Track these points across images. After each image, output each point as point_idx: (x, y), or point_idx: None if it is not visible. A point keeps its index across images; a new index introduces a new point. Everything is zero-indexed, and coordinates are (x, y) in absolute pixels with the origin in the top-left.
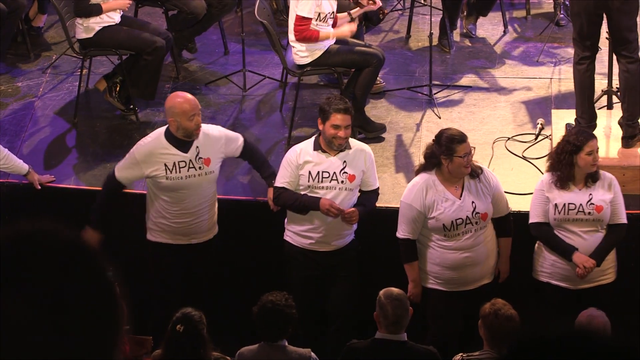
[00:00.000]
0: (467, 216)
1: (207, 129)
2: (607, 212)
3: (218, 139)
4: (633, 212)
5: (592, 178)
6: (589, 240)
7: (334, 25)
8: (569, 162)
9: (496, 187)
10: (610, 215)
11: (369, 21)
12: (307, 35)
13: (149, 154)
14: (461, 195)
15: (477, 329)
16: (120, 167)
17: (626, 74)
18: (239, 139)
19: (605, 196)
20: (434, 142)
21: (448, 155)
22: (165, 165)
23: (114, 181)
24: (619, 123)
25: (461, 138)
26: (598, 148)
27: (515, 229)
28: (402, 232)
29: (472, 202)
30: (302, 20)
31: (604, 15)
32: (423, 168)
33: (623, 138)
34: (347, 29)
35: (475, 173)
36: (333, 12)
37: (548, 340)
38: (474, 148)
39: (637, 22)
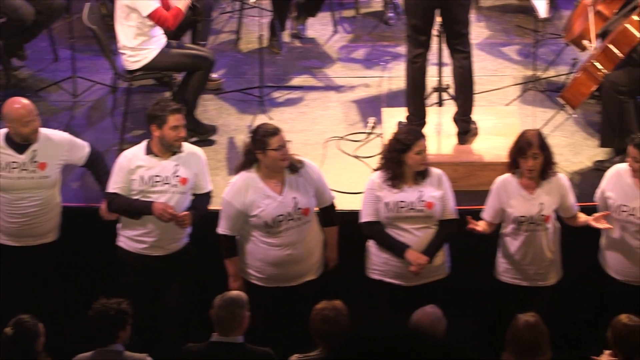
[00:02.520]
0: (288, 212)
1: (52, 134)
2: (438, 208)
3: (60, 145)
4: (466, 207)
5: (421, 175)
6: (421, 237)
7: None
8: (398, 161)
9: (318, 179)
10: (441, 211)
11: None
12: (172, 17)
13: None
14: (282, 191)
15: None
16: None
17: (460, 70)
18: (85, 148)
19: (435, 192)
20: (250, 138)
21: (262, 149)
22: None
23: None
24: (454, 119)
25: (274, 131)
26: (426, 147)
27: (348, 228)
28: (222, 228)
29: (294, 197)
30: (156, 14)
31: (438, 9)
32: (242, 166)
33: (458, 134)
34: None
35: (295, 167)
36: None
37: (372, 340)
38: (290, 141)
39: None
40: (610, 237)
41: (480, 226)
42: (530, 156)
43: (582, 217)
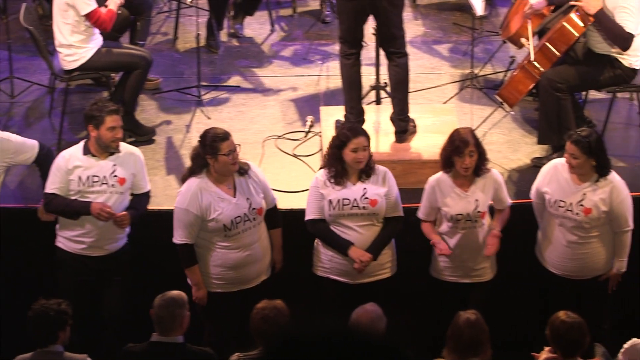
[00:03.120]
0: (244, 213)
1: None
2: (382, 206)
3: (5, 150)
4: (405, 205)
5: (365, 173)
6: (365, 234)
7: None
8: (338, 157)
9: (264, 181)
10: (386, 208)
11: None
12: (108, 19)
13: None
14: (235, 194)
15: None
16: None
17: (396, 69)
18: (34, 148)
19: (380, 190)
20: (199, 142)
21: (213, 154)
22: None
23: None
24: (391, 118)
25: (224, 136)
26: (366, 146)
27: (289, 226)
28: (179, 238)
29: (247, 198)
30: (94, 15)
31: (370, 14)
32: (191, 172)
33: (396, 133)
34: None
35: (243, 170)
36: None
37: (310, 339)
38: (239, 145)
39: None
40: (547, 232)
41: (445, 249)
42: (467, 154)
43: (495, 226)
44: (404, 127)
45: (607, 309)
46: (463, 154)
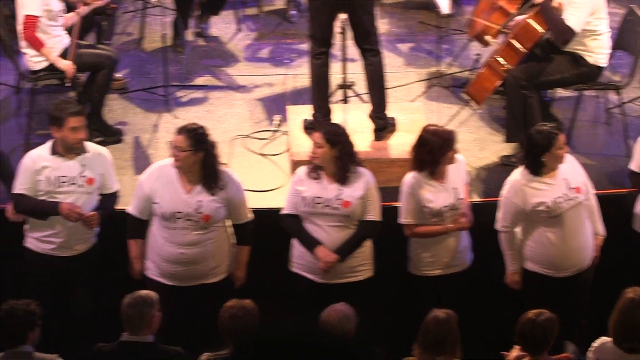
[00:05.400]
0: (188, 212)
1: None
2: (355, 209)
3: None
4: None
5: (344, 173)
6: (336, 235)
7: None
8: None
9: (235, 196)
10: (361, 211)
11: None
12: (31, 38)
13: None
14: (191, 191)
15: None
16: None
17: (370, 67)
18: None
19: (356, 192)
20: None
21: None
22: None
23: None
24: (369, 116)
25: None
26: (316, 143)
27: (258, 225)
28: (131, 208)
29: (199, 200)
30: (29, 19)
31: (343, 12)
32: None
33: (375, 130)
34: (66, 64)
35: (214, 183)
36: (62, 10)
37: (278, 341)
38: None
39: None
40: (541, 240)
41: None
42: (453, 148)
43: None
44: (381, 124)
45: (586, 304)
46: (452, 149)
